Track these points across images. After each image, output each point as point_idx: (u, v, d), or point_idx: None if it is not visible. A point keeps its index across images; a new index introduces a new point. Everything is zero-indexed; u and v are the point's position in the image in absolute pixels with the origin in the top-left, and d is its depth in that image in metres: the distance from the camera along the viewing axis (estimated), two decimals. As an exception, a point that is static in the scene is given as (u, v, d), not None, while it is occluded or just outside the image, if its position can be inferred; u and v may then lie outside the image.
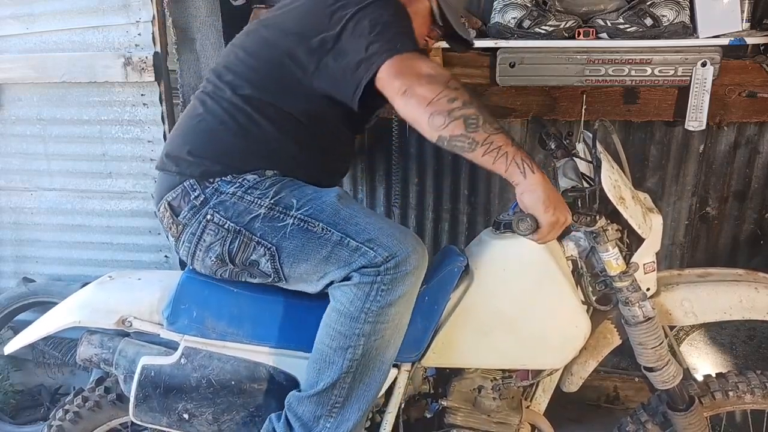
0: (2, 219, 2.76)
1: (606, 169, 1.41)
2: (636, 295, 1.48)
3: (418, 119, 1.31)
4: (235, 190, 1.46)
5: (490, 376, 1.60)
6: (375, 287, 1.39)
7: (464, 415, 1.58)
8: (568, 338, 1.52)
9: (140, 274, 1.74)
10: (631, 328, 1.51)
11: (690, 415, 1.56)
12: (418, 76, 1.30)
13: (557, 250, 1.54)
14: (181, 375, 1.55)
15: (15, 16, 2.50)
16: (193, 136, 1.55)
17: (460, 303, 1.52)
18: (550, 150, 1.66)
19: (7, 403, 2.68)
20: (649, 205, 1.62)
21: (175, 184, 1.51)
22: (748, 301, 1.58)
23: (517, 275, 1.50)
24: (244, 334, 1.54)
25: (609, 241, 1.44)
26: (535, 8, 2.12)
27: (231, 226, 1.45)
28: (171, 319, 1.56)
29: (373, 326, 1.40)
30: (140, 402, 1.56)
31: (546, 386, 1.67)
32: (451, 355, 1.53)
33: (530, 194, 1.30)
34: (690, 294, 1.60)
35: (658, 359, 1.51)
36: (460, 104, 1.28)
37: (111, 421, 1.73)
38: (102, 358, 1.62)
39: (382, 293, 1.39)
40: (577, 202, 1.40)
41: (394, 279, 1.39)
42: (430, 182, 2.48)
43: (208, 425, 1.56)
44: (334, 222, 1.42)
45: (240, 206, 1.45)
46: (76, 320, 1.59)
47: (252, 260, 1.46)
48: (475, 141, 1.28)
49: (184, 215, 1.49)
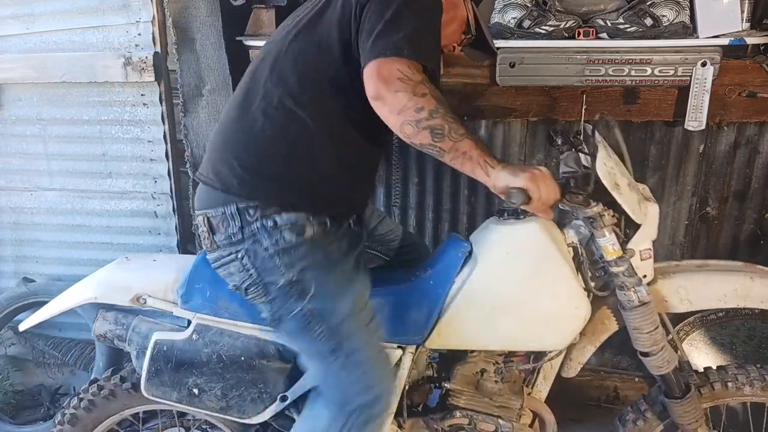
0: (2, 219, 2.76)
1: (602, 156, 1.44)
2: (632, 280, 1.51)
3: (391, 125, 1.35)
4: (269, 246, 1.46)
5: (492, 359, 1.64)
6: (347, 425, 1.48)
7: (467, 398, 1.62)
8: (569, 319, 1.55)
9: (156, 257, 1.82)
10: (627, 312, 1.54)
11: (686, 403, 1.59)
12: (388, 82, 1.31)
13: (558, 236, 1.58)
14: (193, 350, 1.59)
15: (15, 16, 2.50)
16: (244, 151, 1.50)
17: (464, 286, 1.55)
18: (556, 146, 1.69)
19: (7, 403, 2.68)
20: (647, 195, 1.65)
21: (218, 204, 1.49)
22: (744, 290, 1.60)
23: (520, 258, 1.53)
24: (256, 316, 1.56)
25: (606, 227, 1.48)
26: (535, 8, 2.13)
27: (254, 274, 1.49)
28: (185, 297, 1.60)
29: None
30: (152, 376, 1.61)
31: (547, 373, 1.70)
32: (455, 337, 1.57)
33: (498, 179, 1.33)
34: (686, 281, 1.62)
35: (653, 344, 1.55)
36: (426, 114, 1.31)
37: (124, 410, 1.76)
38: (116, 334, 1.67)
39: (356, 429, 1.48)
40: (569, 182, 1.45)
41: (368, 419, 1.48)
42: (430, 182, 2.48)
43: (217, 401, 1.61)
44: (334, 332, 1.47)
45: (268, 264, 1.47)
46: (93, 296, 1.64)
47: (259, 303, 1.53)
48: (442, 149, 1.33)
49: (220, 239, 1.50)
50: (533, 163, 2.40)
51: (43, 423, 2.55)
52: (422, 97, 1.31)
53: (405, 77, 1.32)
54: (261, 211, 1.47)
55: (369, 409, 1.48)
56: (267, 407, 1.60)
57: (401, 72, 1.32)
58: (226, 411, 1.62)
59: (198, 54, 2.34)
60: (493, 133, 2.38)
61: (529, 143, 2.37)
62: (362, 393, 1.47)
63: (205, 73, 2.36)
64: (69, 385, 2.77)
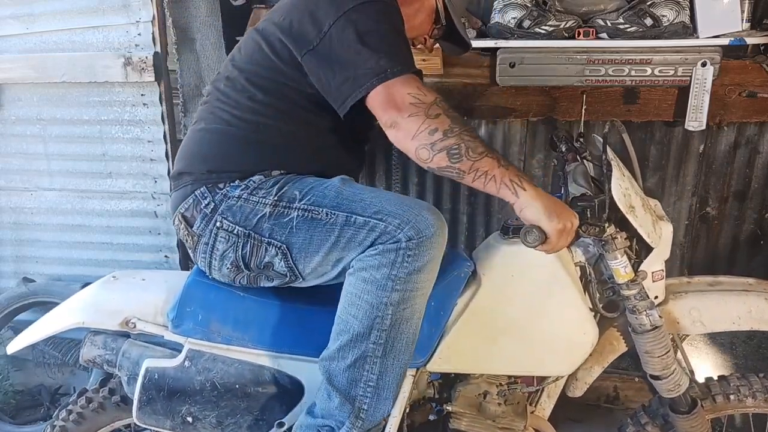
0: (2, 219, 2.76)
1: (616, 177, 1.39)
2: (643, 304, 1.46)
3: (407, 151, 1.32)
4: (241, 193, 1.44)
5: (496, 381, 1.58)
6: (401, 254, 1.33)
7: (469, 420, 1.55)
8: (576, 345, 1.50)
9: (144, 275, 1.72)
10: (638, 336, 1.49)
11: (692, 418, 1.54)
12: (401, 108, 1.30)
13: (566, 255, 1.52)
14: (185, 377, 1.54)
15: (15, 16, 2.50)
16: (199, 147, 1.54)
17: (467, 308, 1.50)
18: (560, 152, 1.64)
19: (7, 403, 2.68)
20: (659, 213, 1.60)
21: (187, 195, 1.50)
22: (758, 312, 1.55)
23: (526, 281, 1.48)
24: (250, 339, 1.52)
25: (618, 249, 1.42)
26: (535, 8, 2.13)
27: (240, 231, 1.43)
28: (176, 321, 1.54)
29: (402, 294, 1.35)
30: (144, 404, 1.55)
31: (551, 392, 1.66)
32: (457, 360, 1.52)
33: (529, 209, 1.29)
34: (698, 303, 1.58)
35: (664, 368, 1.49)
36: (441, 135, 1.28)
37: (114, 422, 1.72)
38: (105, 359, 1.61)
39: (409, 259, 1.33)
40: (586, 212, 1.38)
41: (420, 244, 1.33)
42: (430, 182, 2.48)
43: (212, 429, 1.55)
44: (337, 204, 1.39)
45: (246, 209, 1.43)
46: (80, 321, 1.58)
47: (266, 262, 1.44)
48: (461, 170, 1.29)
49: (198, 225, 1.48)
50: (533, 164, 2.40)
51: (43, 423, 2.54)
52: (435, 118, 1.29)
53: (417, 100, 1.30)
54: (229, 181, 1.47)
55: (416, 237, 1.32)
56: None
57: (412, 95, 1.30)
58: None
59: (198, 54, 2.34)
60: (493, 133, 2.38)
61: (529, 143, 2.37)
62: (400, 228, 1.33)
63: (205, 73, 2.36)
64: (69, 385, 2.76)
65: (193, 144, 1.56)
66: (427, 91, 1.32)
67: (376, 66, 1.32)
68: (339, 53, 1.36)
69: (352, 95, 1.34)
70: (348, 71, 1.34)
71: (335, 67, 1.36)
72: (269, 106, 1.49)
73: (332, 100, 1.40)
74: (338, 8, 1.37)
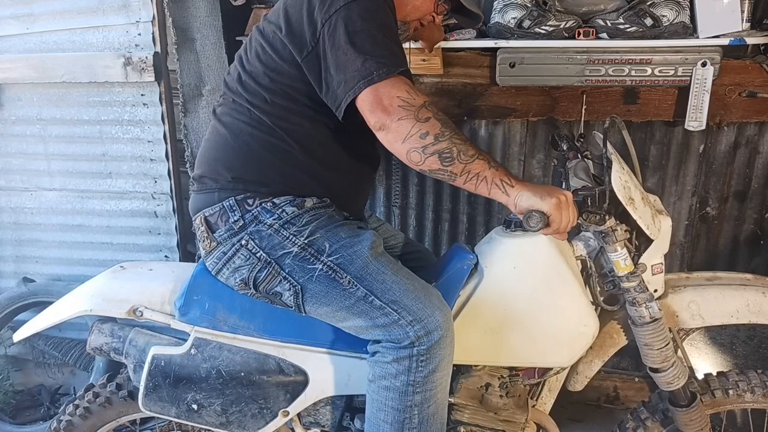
0: (2, 219, 2.76)
1: (616, 170, 1.41)
2: (643, 296, 1.49)
3: (397, 153, 1.34)
4: (273, 222, 1.46)
5: (498, 373, 1.60)
6: (414, 360, 1.38)
7: (471, 413, 1.57)
8: (577, 337, 1.52)
9: (152, 265, 1.75)
10: (638, 328, 1.51)
11: (692, 411, 1.57)
12: (389, 111, 1.30)
13: (567, 249, 1.54)
14: (191, 365, 1.56)
15: (15, 16, 2.50)
16: (220, 152, 1.53)
17: (470, 300, 1.52)
18: (562, 151, 1.66)
19: (7, 403, 2.68)
20: (658, 207, 1.62)
21: (214, 201, 1.50)
22: (756, 306, 1.58)
23: (527, 273, 1.50)
24: (256, 328, 1.55)
25: (618, 242, 1.45)
26: (535, 8, 2.12)
27: (263, 256, 1.45)
28: (183, 310, 1.57)
29: (423, 395, 1.40)
30: (149, 392, 1.57)
31: (552, 386, 1.67)
32: (459, 352, 1.52)
33: (520, 198, 1.31)
34: (697, 296, 1.60)
35: (663, 360, 1.52)
36: (432, 139, 1.29)
37: (120, 417, 1.74)
38: (112, 347, 1.63)
39: (423, 363, 1.39)
40: (586, 201, 1.41)
41: (430, 349, 1.38)
42: (430, 182, 2.48)
43: (217, 416, 1.58)
44: (361, 277, 1.41)
45: (275, 239, 1.45)
46: (88, 308, 1.59)
47: (276, 291, 1.47)
48: (453, 173, 1.31)
49: (221, 234, 1.49)
50: (533, 164, 2.40)
51: (43, 423, 2.55)
52: (426, 122, 1.29)
53: (406, 103, 1.30)
54: (259, 198, 1.48)
55: (427, 341, 1.37)
56: (268, 422, 1.57)
57: (401, 99, 1.30)
58: (226, 426, 1.59)
59: (198, 54, 2.34)
60: (493, 133, 2.38)
61: (529, 143, 2.37)
62: (411, 326, 1.37)
63: (205, 73, 2.36)
64: (69, 385, 2.77)
65: (213, 149, 1.56)
66: (416, 93, 1.33)
67: (362, 68, 1.32)
68: (331, 55, 1.36)
69: (344, 99, 1.34)
70: (340, 74, 1.35)
71: (330, 70, 1.37)
72: (285, 109, 1.49)
73: (330, 104, 1.41)
74: (329, 7, 1.37)
